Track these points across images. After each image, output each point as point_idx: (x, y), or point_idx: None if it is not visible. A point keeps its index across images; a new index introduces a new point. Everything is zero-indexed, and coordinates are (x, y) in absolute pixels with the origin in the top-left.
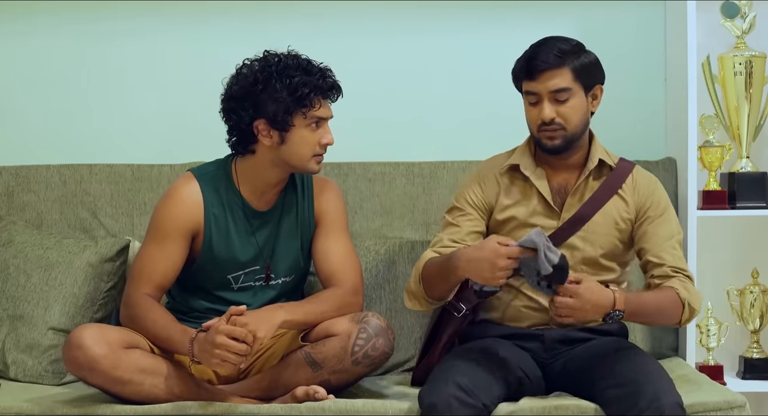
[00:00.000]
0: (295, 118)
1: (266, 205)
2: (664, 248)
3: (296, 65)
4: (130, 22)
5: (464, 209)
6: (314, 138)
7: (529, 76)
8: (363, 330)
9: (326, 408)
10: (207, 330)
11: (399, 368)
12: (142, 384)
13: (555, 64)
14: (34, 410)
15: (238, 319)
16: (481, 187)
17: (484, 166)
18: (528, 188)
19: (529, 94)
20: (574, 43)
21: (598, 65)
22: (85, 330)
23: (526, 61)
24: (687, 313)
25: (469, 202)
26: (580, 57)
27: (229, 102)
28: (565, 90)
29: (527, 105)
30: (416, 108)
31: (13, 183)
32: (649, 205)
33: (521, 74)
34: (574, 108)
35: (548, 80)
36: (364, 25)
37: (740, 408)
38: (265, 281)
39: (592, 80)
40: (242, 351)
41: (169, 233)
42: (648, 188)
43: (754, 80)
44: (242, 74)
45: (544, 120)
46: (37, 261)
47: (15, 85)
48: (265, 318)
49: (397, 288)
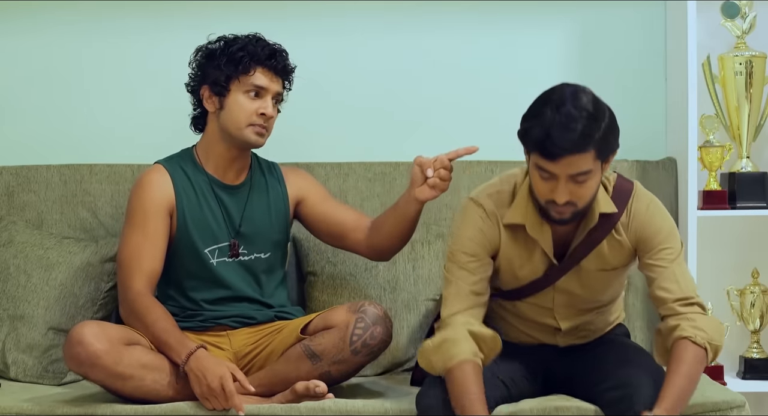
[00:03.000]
0: (232, 83)
1: (233, 181)
2: (667, 276)
3: (245, 38)
4: (130, 22)
5: (476, 254)
6: (251, 106)
7: (547, 157)
8: (361, 320)
9: (326, 408)
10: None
11: (399, 368)
12: (143, 380)
13: (579, 149)
14: (34, 410)
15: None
16: (483, 232)
17: (480, 213)
18: (530, 242)
19: (543, 170)
20: (594, 113)
21: (615, 129)
22: (85, 326)
23: (543, 141)
24: (712, 353)
25: (477, 244)
26: (602, 131)
27: (188, 75)
28: (585, 173)
29: (537, 176)
30: (417, 108)
31: (13, 183)
32: (647, 235)
33: (535, 150)
34: (591, 187)
35: (569, 165)
36: (365, 25)
37: (739, 408)
38: (234, 256)
39: (611, 150)
40: (219, 407)
41: (148, 215)
42: (645, 217)
43: (754, 80)
44: (198, 48)
45: (558, 202)
46: (38, 261)
47: (15, 84)
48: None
49: (397, 288)
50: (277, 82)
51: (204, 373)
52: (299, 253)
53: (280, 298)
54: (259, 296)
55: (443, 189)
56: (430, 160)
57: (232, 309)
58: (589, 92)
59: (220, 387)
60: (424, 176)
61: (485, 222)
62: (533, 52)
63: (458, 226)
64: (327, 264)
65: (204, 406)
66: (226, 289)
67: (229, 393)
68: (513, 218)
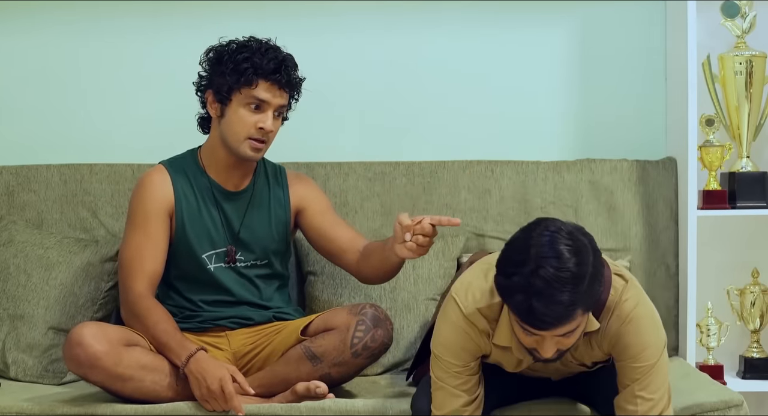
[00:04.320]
0: (234, 94)
1: (235, 187)
2: (632, 391)
3: (253, 47)
4: (130, 21)
5: (465, 364)
6: (250, 119)
7: (531, 326)
8: (361, 322)
9: (326, 408)
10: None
11: (399, 367)
12: (143, 381)
13: (566, 320)
14: (34, 409)
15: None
16: (476, 344)
17: (473, 333)
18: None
19: (526, 330)
20: (577, 271)
21: (599, 271)
22: (85, 327)
23: (526, 313)
24: None
25: (469, 354)
26: (586, 286)
27: (197, 78)
28: (573, 330)
29: (521, 331)
30: (417, 107)
31: (13, 183)
32: (618, 350)
33: (517, 315)
34: (578, 335)
35: (555, 331)
36: (365, 24)
37: (737, 408)
38: (231, 262)
39: (596, 295)
40: (219, 409)
41: (149, 216)
42: (618, 333)
43: (754, 80)
44: (210, 48)
45: (546, 358)
46: (38, 261)
47: (15, 84)
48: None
49: (397, 287)
50: (280, 95)
51: (204, 375)
52: (299, 253)
53: (280, 300)
54: (258, 299)
55: (422, 253)
56: (410, 224)
57: (231, 311)
58: (565, 233)
59: (220, 390)
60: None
61: (478, 339)
62: (533, 52)
63: (447, 334)
64: (327, 264)
65: (204, 408)
66: (224, 293)
67: (229, 395)
68: (500, 340)
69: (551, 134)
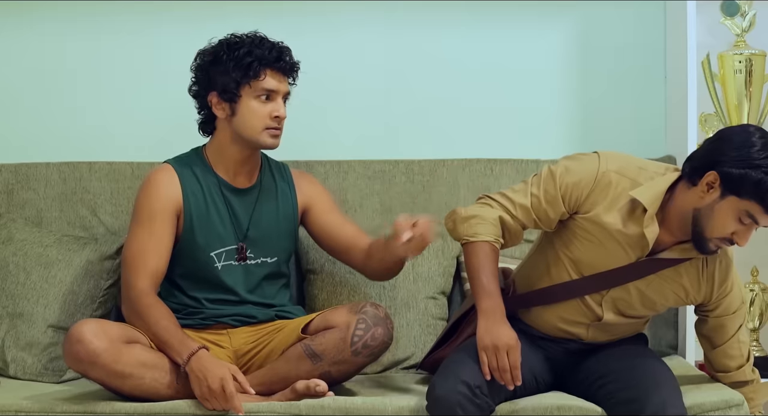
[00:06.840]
0: (242, 89)
1: (243, 184)
2: (733, 346)
3: (248, 40)
4: (129, 19)
5: (555, 198)
6: (264, 110)
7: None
8: (362, 321)
9: (326, 406)
10: (207, 348)
11: (399, 366)
12: (142, 378)
13: None
14: (33, 407)
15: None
16: (598, 183)
17: (609, 174)
18: (630, 229)
19: (750, 217)
20: None
21: None
22: (85, 324)
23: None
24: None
25: (585, 184)
26: None
27: (191, 80)
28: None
29: (732, 219)
30: (416, 106)
31: (12, 181)
32: (723, 291)
33: (754, 199)
34: None
35: None
36: (364, 23)
37: (738, 407)
38: (241, 260)
39: None
40: (219, 407)
41: (155, 215)
42: (725, 270)
43: (753, 79)
44: (200, 52)
45: (739, 245)
46: (37, 259)
47: (15, 82)
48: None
49: (397, 286)
50: (285, 82)
51: (205, 374)
52: (299, 251)
53: (282, 299)
54: (262, 298)
55: (417, 253)
56: (407, 223)
57: (234, 309)
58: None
59: (221, 388)
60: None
61: (590, 189)
62: (533, 51)
63: (576, 164)
64: (326, 262)
65: (203, 406)
66: (228, 292)
67: (230, 395)
68: (643, 198)
69: (551, 132)
